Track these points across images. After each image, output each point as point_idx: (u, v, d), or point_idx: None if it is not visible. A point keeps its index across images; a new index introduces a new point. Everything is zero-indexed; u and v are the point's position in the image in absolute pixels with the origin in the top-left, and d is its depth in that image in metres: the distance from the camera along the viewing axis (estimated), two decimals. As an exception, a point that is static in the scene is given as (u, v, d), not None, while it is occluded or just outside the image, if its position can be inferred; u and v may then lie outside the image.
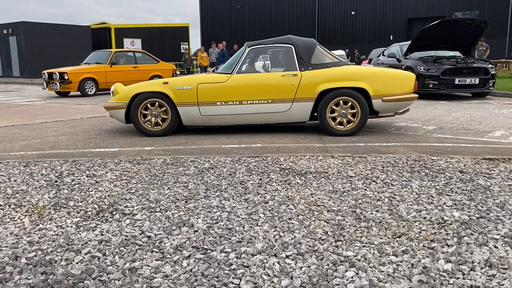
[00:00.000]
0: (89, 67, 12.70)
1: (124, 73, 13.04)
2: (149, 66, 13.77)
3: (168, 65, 14.60)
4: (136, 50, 14.15)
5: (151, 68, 13.77)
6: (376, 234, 2.34)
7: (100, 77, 12.64)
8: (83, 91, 12.30)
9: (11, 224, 2.56)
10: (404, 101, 5.39)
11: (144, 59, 13.97)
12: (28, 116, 7.94)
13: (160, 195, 3.05)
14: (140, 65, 13.50)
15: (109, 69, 12.80)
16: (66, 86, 12.05)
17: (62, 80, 11.98)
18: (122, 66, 13.13)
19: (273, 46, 5.69)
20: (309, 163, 3.90)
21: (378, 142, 4.98)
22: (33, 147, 4.90)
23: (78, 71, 12.27)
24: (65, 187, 3.25)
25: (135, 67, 13.36)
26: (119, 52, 13.46)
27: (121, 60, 13.26)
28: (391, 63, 11.23)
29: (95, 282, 1.85)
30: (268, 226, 2.46)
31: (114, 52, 13.12)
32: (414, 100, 5.49)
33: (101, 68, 12.66)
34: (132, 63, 13.46)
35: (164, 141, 5.23)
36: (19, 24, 24.66)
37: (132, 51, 14.09)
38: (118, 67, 13.00)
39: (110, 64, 12.83)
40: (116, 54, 13.18)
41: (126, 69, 13.17)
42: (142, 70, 13.47)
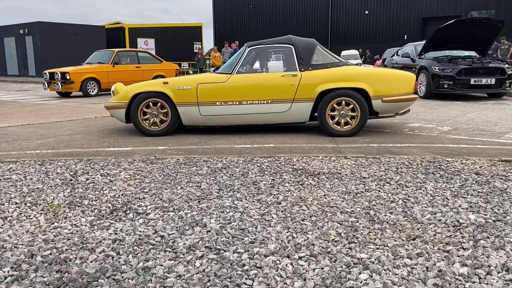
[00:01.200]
0: (91, 67, 12.52)
1: (127, 73, 12.87)
2: (152, 66, 13.58)
3: (171, 65, 14.43)
4: (139, 49, 14.00)
5: (154, 68, 13.60)
6: (390, 236, 2.32)
7: (103, 77, 12.44)
8: (85, 91, 12.13)
9: (27, 222, 2.59)
10: (404, 101, 5.35)
11: (147, 59, 13.79)
12: (44, 115, 8.05)
13: (173, 195, 3.06)
14: (143, 65, 13.32)
15: (112, 69, 12.61)
16: (68, 86, 11.84)
17: (64, 80, 11.79)
18: (125, 66, 12.93)
19: (273, 46, 5.69)
20: (322, 164, 3.88)
21: (392, 143, 4.93)
22: (48, 146, 4.96)
23: (80, 71, 12.09)
24: (79, 186, 3.28)
25: (138, 67, 13.18)
26: (121, 52, 13.20)
27: (123, 60, 13.04)
28: (405, 63, 11.12)
29: (109, 281, 1.87)
30: (281, 227, 2.45)
31: (116, 52, 12.91)
32: (414, 101, 5.45)
33: (104, 68, 12.49)
34: (135, 63, 13.26)
35: (177, 140, 5.26)
36: (35, 24, 25.02)
37: (135, 50, 13.84)
38: (120, 67, 12.80)
39: (113, 64, 12.64)
40: (118, 54, 12.95)
41: (128, 69, 12.98)
42: (145, 70, 13.30)
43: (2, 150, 4.75)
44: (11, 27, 26.45)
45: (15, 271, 1.97)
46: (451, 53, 10.61)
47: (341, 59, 5.66)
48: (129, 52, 13.51)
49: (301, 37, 5.98)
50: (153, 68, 13.50)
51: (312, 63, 5.41)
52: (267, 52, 6.04)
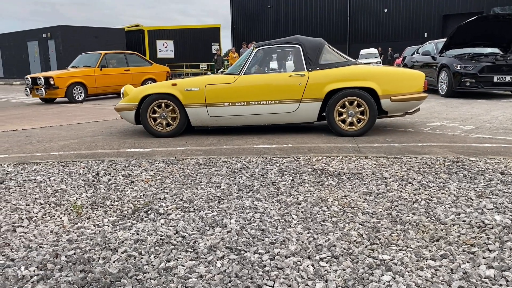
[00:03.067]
0: (77, 70, 11.74)
1: (115, 77, 12.20)
2: (141, 69, 12.98)
3: (162, 67, 13.87)
4: (128, 52, 13.25)
5: (144, 71, 13.02)
6: (413, 237, 2.28)
7: (89, 82, 11.69)
8: (71, 97, 11.37)
9: (51, 222, 2.64)
10: (413, 100, 5.27)
11: (137, 61, 13.10)
12: (66, 117, 8.20)
13: (193, 195, 3.08)
14: (132, 68, 12.69)
15: (99, 72, 11.89)
16: (52, 92, 11.07)
17: (48, 86, 11.02)
18: (113, 69, 12.23)
19: (281, 46, 5.67)
20: (342, 164, 3.85)
21: (413, 142, 4.86)
22: (71, 147, 5.05)
23: (65, 75, 11.32)
24: (101, 187, 3.33)
25: (127, 70, 12.53)
26: (109, 54, 12.45)
27: (111, 62, 12.34)
28: (426, 61, 10.95)
29: (132, 281, 1.89)
30: (301, 227, 2.44)
31: (103, 55, 12.19)
32: (423, 100, 5.36)
33: (90, 72, 11.75)
34: (123, 65, 12.56)
35: (196, 141, 5.29)
36: (57, 28, 25.56)
37: (123, 52, 13.02)
38: (108, 70, 12.10)
39: (100, 67, 11.93)
40: (106, 56, 12.25)
41: (117, 72, 12.29)
42: (135, 73, 12.70)
43: (26, 152, 4.86)
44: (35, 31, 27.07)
45: (40, 270, 2.01)
46: (473, 50, 10.40)
47: (349, 58, 5.62)
48: (117, 55, 12.80)
49: (319, 37, 5.95)
50: (143, 71, 12.97)
51: (320, 63, 5.38)
52: (275, 52, 6.03)
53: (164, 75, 13.50)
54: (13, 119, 8.10)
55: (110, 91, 12.28)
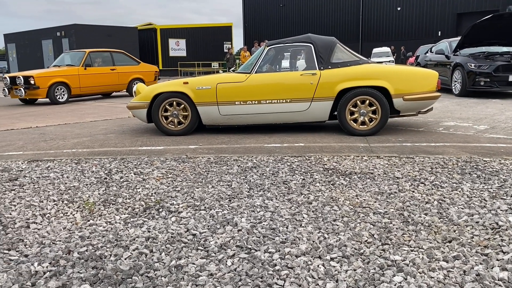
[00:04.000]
0: (59, 70, 11.11)
1: (101, 76, 11.62)
2: (128, 68, 12.37)
3: (150, 66, 13.24)
4: (114, 50, 12.65)
5: (131, 71, 12.41)
6: (425, 238, 2.26)
7: (73, 82, 11.01)
8: (53, 97, 10.69)
9: (64, 219, 2.67)
10: (426, 100, 5.22)
11: (123, 60, 12.46)
12: (79, 115, 8.29)
13: (204, 194, 3.09)
14: (118, 67, 12.09)
15: (83, 72, 11.23)
16: (32, 92, 10.42)
17: (28, 86, 10.36)
18: (98, 69, 11.62)
19: (293, 45, 5.64)
20: (354, 163, 3.83)
21: (426, 142, 4.81)
22: (84, 145, 5.10)
23: (47, 74, 10.67)
24: (113, 184, 3.36)
25: (113, 69, 11.93)
26: (94, 53, 11.83)
27: (96, 61, 11.76)
28: (439, 60, 10.83)
29: (143, 278, 1.90)
30: (312, 227, 2.43)
31: (88, 53, 11.57)
32: (437, 99, 5.29)
33: (74, 71, 11.08)
34: (109, 64, 11.98)
35: (208, 139, 5.30)
36: (70, 26, 25.83)
37: (109, 51, 12.40)
38: (93, 69, 11.48)
39: (84, 66, 11.28)
40: (90, 55, 11.62)
41: (102, 72, 11.67)
42: (121, 73, 12.11)
43: (40, 149, 4.92)
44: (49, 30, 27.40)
45: (53, 266, 2.03)
46: (488, 49, 10.25)
47: (362, 57, 5.58)
48: (103, 53, 12.19)
49: (331, 35, 5.92)
50: (130, 71, 12.38)
51: (331, 62, 5.35)
52: (287, 51, 6.01)
53: (153, 74, 13.01)
54: (27, 117, 8.21)
55: (95, 91, 11.78)
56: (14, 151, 4.81)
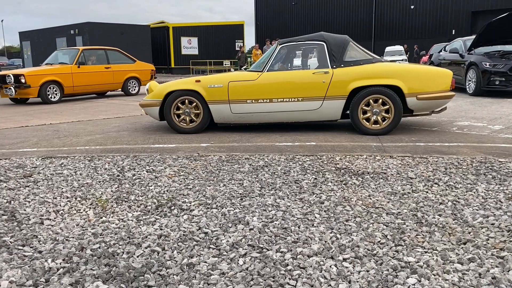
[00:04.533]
0: (51, 68, 10.63)
1: (95, 75, 11.23)
2: (124, 67, 12.01)
3: (146, 65, 12.87)
4: (109, 48, 12.23)
5: (127, 69, 12.05)
6: (439, 239, 2.23)
7: (66, 80, 10.55)
8: (45, 97, 10.25)
9: (77, 216, 2.69)
10: (440, 99, 5.15)
11: (118, 58, 12.09)
12: (92, 113, 8.36)
13: (216, 192, 3.09)
14: (113, 65, 11.72)
15: (77, 70, 10.78)
16: (23, 91, 9.98)
17: (18, 84, 9.89)
18: (92, 67, 11.22)
19: (305, 43, 5.61)
20: (366, 163, 3.80)
21: (439, 142, 4.75)
22: (97, 142, 5.14)
23: (38, 73, 10.23)
24: (126, 182, 3.38)
25: (108, 68, 11.55)
26: (88, 50, 11.43)
27: (90, 59, 11.34)
28: (453, 59, 10.70)
29: (155, 276, 1.91)
30: (324, 227, 2.41)
31: (81, 50, 11.13)
32: (451, 99, 5.22)
33: (67, 69, 10.63)
34: (103, 63, 11.58)
35: (219, 138, 5.31)
36: (84, 24, 26.05)
37: (104, 48, 12.03)
38: (87, 67, 11.05)
39: (78, 65, 10.84)
40: (84, 53, 11.17)
41: (96, 70, 11.28)
42: (116, 71, 11.75)
43: (54, 146, 4.97)
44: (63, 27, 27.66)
45: (66, 263, 2.05)
46: (503, 48, 10.09)
47: (375, 55, 5.53)
48: (97, 51, 11.81)
49: (343, 34, 5.88)
50: (125, 69, 12.02)
51: (344, 60, 5.31)
52: (299, 49, 5.98)
53: (149, 73, 12.68)
54: (41, 114, 8.30)
55: (89, 90, 11.40)
56: (28, 148, 4.87)
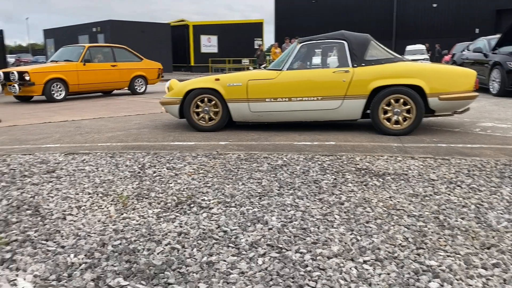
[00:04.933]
0: (56, 65, 10.40)
1: (100, 73, 10.98)
2: (130, 65, 11.75)
3: (154, 63, 12.55)
4: (115, 45, 12.00)
5: (133, 67, 11.80)
6: (462, 243, 2.19)
7: (71, 78, 10.31)
8: (49, 95, 10.00)
9: (98, 212, 2.73)
10: (463, 99, 5.05)
11: (125, 56, 11.83)
12: (114, 109, 8.47)
13: (235, 190, 3.09)
14: (120, 63, 11.46)
15: (82, 68, 10.55)
16: (27, 89, 9.74)
17: (22, 82, 9.64)
18: (98, 65, 10.98)
19: (326, 41, 5.56)
20: (387, 164, 3.75)
21: (462, 143, 4.66)
22: (118, 139, 5.21)
23: (43, 70, 9.98)
24: (147, 178, 3.41)
25: (114, 66, 11.29)
26: (94, 48, 11.23)
27: (96, 57, 11.11)
28: (477, 58, 10.48)
29: (175, 274, 1.92)
30: (344, 228, 2.39)
31: (87, 48, 10.91)
32: (474, 99, 5.11)
33: (72, 67, 10.40)
34: (110, 60, 11.32)
35: (238, 136, 5.31)
36: (106, 22, 26.40)
37: (110, 46, 11.80)
38: (92, 65, 10.82)
39: (83, 62, 10.61)
40: (90, 50, 10.96)
41: (102, 68, 11.04)
42: (123, 69, 11.50)
43: (76, 142, 5.05)
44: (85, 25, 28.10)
45: (88, 258, 2.08)
46: (529, 47, 9.84)
47: (396, 54, 5.45)
48: (103, 48, 11.60)
49: (363, 32, 5.82)
50: (131, 67, 11.76)
51: (365, 59, 5.25)
52: (319, 48, 5.93)
53: (156, 72, 12.40)
54: (64, 110, 8.45)
55: (95, 89, 11.16)
56: (51, 144, 4.96)
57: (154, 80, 12.45)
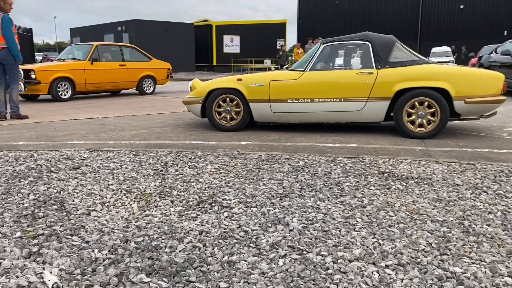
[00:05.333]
0: (63, 64, 10.18)
1: (108, 72, 10.71)
2: (139, 64, 11.47)
3: (163, 63, 12.23)
4: (124, 44, 11.81)
5: (142, 67, 11.51)
6: (487, 250, 2.14)
7: (78, 77, 10.01)
8: (56, 94, 9.75)
9: (122, 208, 2.78)
10: (490, 103, 4.93)
11: (134, 56, 11.59)
12: (137, 108, 8.59)
13: (255, 191, 3.10)
14: (128, 63, 11.18)
15: (89, 66, 10.30)
16: (33, 87, 9.48)
17: (28, 80, 9.39)
18: (106, 64, 10.70)
19: (349, 43, 5.50)
20: (411, 168, 3.70)
21: (488, 148, 4.56)
22: (141, 137, 5.28)
23: (49, 68, 9.74)
24: (169, 177, 3.45)
25: (122, 65, 11.00)
26: (102, 46, 10.89)
27: (104, 56, 10.83)
28: (505, 61, 10.23)
29: (196, 272, 1.94)
30: (366, 232, 2.37)
31: (95, 46, 10.61)
32: (502, 103, 4.97)
33: (79, 66, 10.14)
34: (118, 60, 11.06)
35: (259, 136, 5.32)
36: (131, 22, 26.81)
37: (119, 45, 11.57)
38: (100, 64, 10.54)
39: (91, 61, 10.36)
40: (98, 49, 10.67)
41: (110, 67, 10.75)
42: (131, 69, 11.21)
43: (101, 139, 5.15)
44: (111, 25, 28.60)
45: (112, 254, 2.12)
46: (561, 50, 9.56)
47: (421, 56, 5.36)
48: (111, 47, 11.31)
49: (387, 33, 5.75)
50: (140, 67, 11.48)
51: (389, 61, 5.18)
52: (343, 49, 5.89)
53: (165, 72, 12.11)
54: (89, 108, 8.62)
55: (102, 88, 10.93)
56: (77, 140, 5.07)
57: (163, 81, 12.20)
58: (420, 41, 33.54)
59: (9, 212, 2.66)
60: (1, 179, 3.39)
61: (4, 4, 6.56)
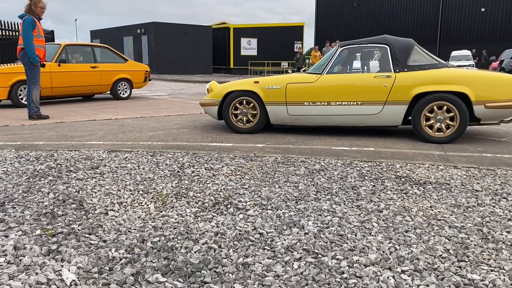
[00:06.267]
0: None
1: (78, 75, 9.68)
2: (113, 66, 10.50)
3: (140, 65, 11.30)
4: (97, 44, 10.75)
5: (117, 69, 10.53)
6: (506, 258, 2.10)
7: (43, 81, 8.45)
8: (16, 99, 8.69)
9: (139, 208, 2.81)
10: (511, 108, 4.82)
11: (107, 57, 10.62)
12: (155, 109, 8.69)
13: (271, 193, 3.10)
14: (101, 65, 10.21)
15: (57, 69, 9.25)
16: None
17: None
18: (76, 66, 9.70)
19: (367, 46, 5.47)
20: (429, 172, 3.65)
21: (508, 153, 4.47)
22: (158, 138, 5.34)
23: (9, 71, 8.56)
24: (185, 178, 3.48)
25: (94, 67, 10.02)
26: (71, 46, 9.78)
27: (74, 57, 9.83)
28: (528, 66, 10.02)
29: (211, 273, 1.95)
30: (382, 236, 2.35)
31: (63, 46, 9.55)
32: None
33: (44, 68, 8.41)
34: (90, 61, 10.06)
35: (275, 139, 5.32)
36: (150, 24, 27.11)
37: (91, 45, 10.50)
38: (69, 66, 9.52)
39: (58, 63, 9.29)
40: (66, 49, 9.61)
41: (80, 70, 9.73)
42: (104, 71, 10.22)
43: (119, 140, 5.22)
44: (130, 27, 28.97)
45: (128, 253, 2.15)
46: None
47: (440, 60, 5.29)
48: (82, 47, 10.19)
49: (406, 37, 5.70)
50: (114, 69, 10.50)
51: (408, 64, 5.13)
52: (360, 52, 5.85)
53: (142, 75, 11.14)
54: (107, 109, 8.75)
55: (72, 92, 9.88)
56: (95, 141, 5.15)
57: (140, 84, 11.24)
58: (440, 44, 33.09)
59: (30, 210, 2.72)
60: (22, 177, 3.46)
61: (35, 8, 6.72)
